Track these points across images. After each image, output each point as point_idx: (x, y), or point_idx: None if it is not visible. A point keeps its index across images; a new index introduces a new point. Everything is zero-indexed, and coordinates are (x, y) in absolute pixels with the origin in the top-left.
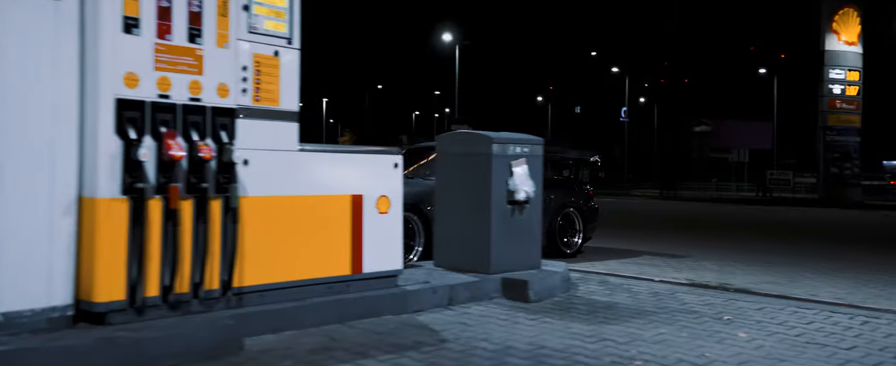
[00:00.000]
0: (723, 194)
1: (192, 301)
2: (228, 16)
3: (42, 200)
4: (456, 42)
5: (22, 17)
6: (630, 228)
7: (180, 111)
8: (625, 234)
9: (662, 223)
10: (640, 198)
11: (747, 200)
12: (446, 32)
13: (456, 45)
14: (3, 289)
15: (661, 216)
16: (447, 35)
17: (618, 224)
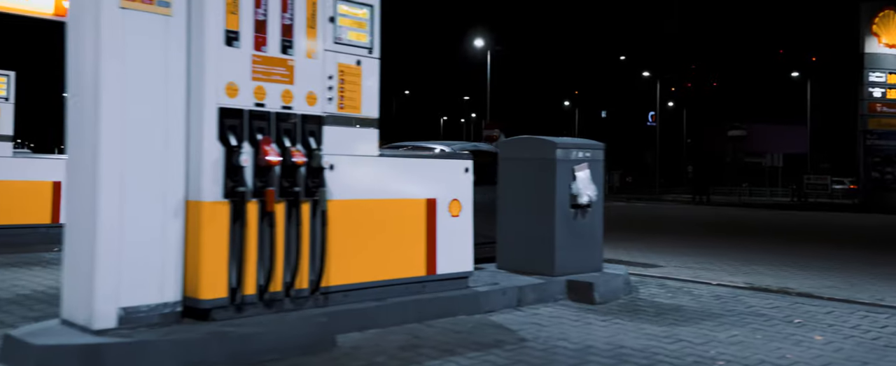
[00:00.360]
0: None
1: (285, 300)
2: (316, 27)
3: (156, 204)
4: (488, 47)
5: (139, 31)
6: (668, 232)
7: (274, 119)
8: (665, 238)
9: (701, 228)
10: (672, 203)
11: (782, 205)
12: (477, 38)
13: (487, 51)
14: (124, 285)
15: (697, 221)
16: (479, 41)
17: (656, 228)
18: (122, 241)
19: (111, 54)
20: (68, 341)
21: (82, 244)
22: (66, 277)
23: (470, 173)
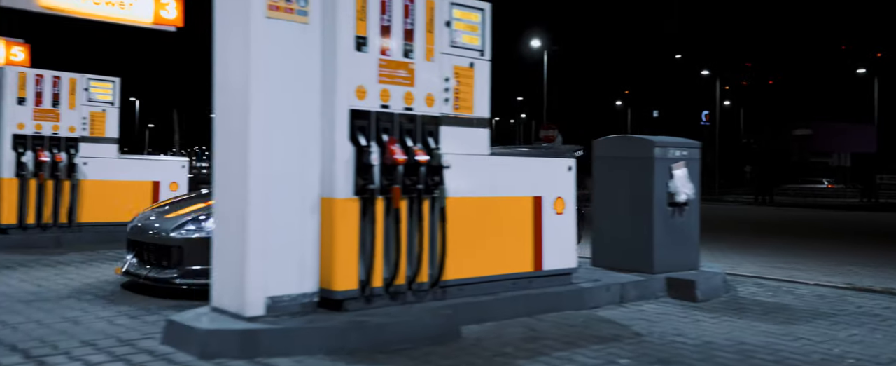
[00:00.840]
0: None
1: (407, 292)
2: (434, 32)
3: (296, 201)
4: (545, 47)
5: (281, 39)
6: (738, 232)
7: (397, 119)
8: (737, 239)
9: (772, 229)
10: (733, 204)
11: (851, 206)
12: (534, 38)
13: (544, 51)
14: (271, 276)
15: (765, 222)
16: (536, 41)
17: (725, 229)
18: (268, 236)
19: (258, 61)
20: (228, 326)
21: (232, 240)
22: (217, 269)
23: (573, 172)
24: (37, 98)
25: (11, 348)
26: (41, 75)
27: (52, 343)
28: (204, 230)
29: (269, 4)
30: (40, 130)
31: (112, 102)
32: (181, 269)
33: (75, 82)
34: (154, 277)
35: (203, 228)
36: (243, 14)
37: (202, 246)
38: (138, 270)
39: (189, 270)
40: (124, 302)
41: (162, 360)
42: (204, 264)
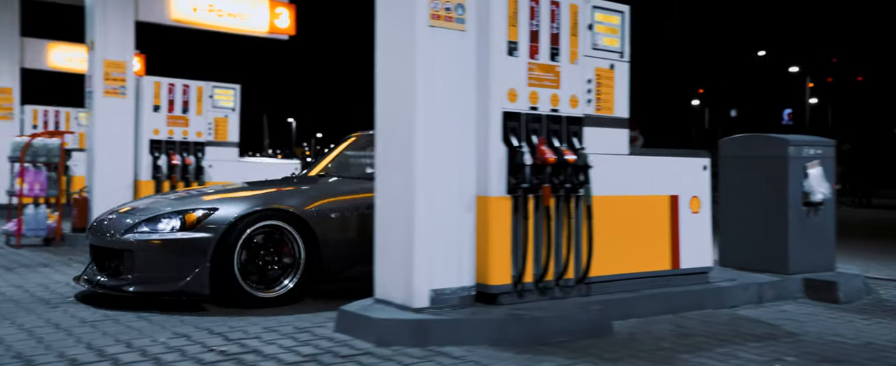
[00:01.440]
0: None
1: (555, 288)
2: (578, 35)
3: (454, 199)
4: None
5: (443, 46)
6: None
7: (545, 121)
8: (845, 240)
9: (883, 232)
10: None
11: None
12: None
13: None
14: (435, 271)
15: (869, 224)
16: None
17: None
18: (432, 232)
19: (423, 67)
20: (399, 316)
21: (398, 236)
22: (380, 263)
23: (708, 171)
24: (169, 105)
25: (225, 338)
26: (173, 84)
27: (241, 328)
28: (157, 232)
29: (431, 14)
30: (172, 134)
31: (233, 108)
32: (134, 275)
33: (202, 90)
34: (106, 283)
35: (157, 231)
36: (408, 23)
37: (157, 250)
38: (94, 275)
39: (141, 276)
40: None
41: (343, 346)
42: (154, 270)
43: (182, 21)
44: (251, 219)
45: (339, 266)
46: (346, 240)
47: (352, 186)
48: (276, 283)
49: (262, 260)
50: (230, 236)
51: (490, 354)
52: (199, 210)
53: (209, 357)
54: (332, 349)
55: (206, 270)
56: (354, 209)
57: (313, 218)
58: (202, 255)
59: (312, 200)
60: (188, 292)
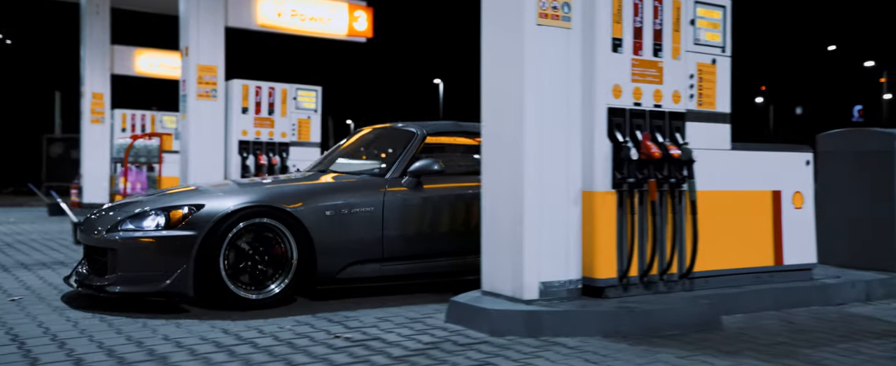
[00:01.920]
0: None
1: (659, 282)
2: (680, 31)
3: (562, 194)
4: None
5: (550, 44)
6: None
7: (648, 116)
8: None
9: None
10: None
11: None
12: None
13: None
14: (544, 263)
15: None
16: None
17: None
18: (540, 227)
19: (531, 65)
20: (512, 307)
21: (506, 231)
22: (487, 258)
23: (811, 166)
24: (256, 107)
25: (344, 326)
26: (260, 87)
27: (356, 318)
28: (141, 230)
29: (539, 13)
30: (259, 135)
31: (315, 109)
32: (117, 274)
33: (286, 92)
34: (87, 284)
35: (141, 228)
36: (516, 22)
37: (139, 249)
38: (82, 274)
39: (124, 276)
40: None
41: (459, 335)
42: (140, 270)
43: (268, 26)
44: (239, 216)
45: (334, 267)
46: (342, 239)
47: (351, 182)
48: (266, 284)
49: (252, 260)
50: (215, 234)
51: (604, 345)
52: (185, 207)
53: (338, 343)
54: (449, 338)
55: (190, 269)
56: (352, 207)
57: (307, 216)
58: (186, 254)
59: (307, 197)
60: (172, 292)
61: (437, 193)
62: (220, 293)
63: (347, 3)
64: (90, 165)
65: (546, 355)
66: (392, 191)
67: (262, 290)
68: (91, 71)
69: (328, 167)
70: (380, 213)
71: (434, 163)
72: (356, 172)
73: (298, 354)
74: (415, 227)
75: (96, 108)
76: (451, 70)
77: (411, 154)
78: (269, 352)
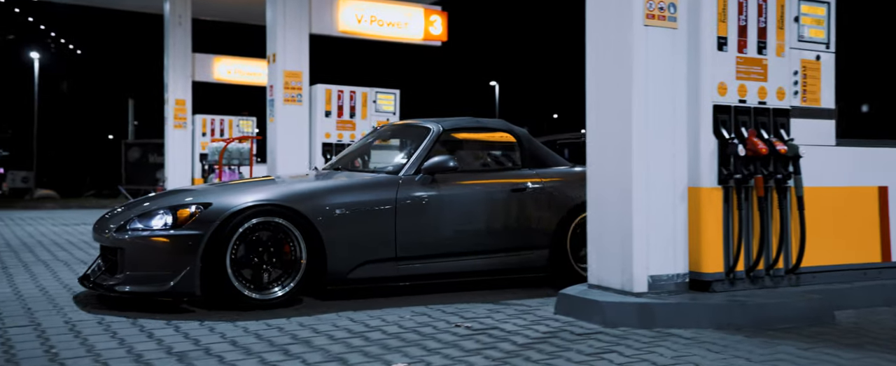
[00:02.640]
0: None
1: (765, 277)
2: (784, 28)
3: (668, 190)
4: None
5: (656, 44)
6: None
7: (752, 113)
8: None
9: None
10: None
11: None
12: None
13: None
14: (652, 257)
15: None
16: None
17: None
18: (649, 221)
19: (639, 65)
20: (624, 299)
21: (614, 227)
22: (594, 253)
23: None
24: (338, 111)
25: (460, 316)
26: (342, 91)
27: (469, 310)
28: (149, 229)
29: (646, 14)
30: (341, 138)
31: (394, 112)
32: (125, 274)
33: (366, 95)
34: (97, 284)
35: (149, 227)
36: (624, 23)
37: (146, 248)
38: (95, 274)
39: (132, 275)
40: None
41: (572, 325)
42: (147, 269)
43: (349, 32)
44: (247, 215)
45: (345, 267)
46: (353, 239)
47: (365, 180)
48: (273, 284)
49: (260, 259)
50: (222, 234)
51: (720, 336)
52: (192, 205)
53: (462, 331)
54: (564, 328)
55: (196, 269)
56: (364, 205)
57: (316, 214)
58: (192, 253)
59: (317, 196)
60: (179, 292)
61: (453, 190)
62: (227, 293)
63: (423, 7)
64: (174, 169)
65: (666, 345)
66: (406, 188)
67: (268, 290)
68: (174, 78)
69: (345, 164)
70: (393, 211)
71: (449, 160)
72: (371, 170)
73: (428, 340)
74: (429, 225)
75: (179, 113)
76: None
77: (427, 151)
78: (401, 338)
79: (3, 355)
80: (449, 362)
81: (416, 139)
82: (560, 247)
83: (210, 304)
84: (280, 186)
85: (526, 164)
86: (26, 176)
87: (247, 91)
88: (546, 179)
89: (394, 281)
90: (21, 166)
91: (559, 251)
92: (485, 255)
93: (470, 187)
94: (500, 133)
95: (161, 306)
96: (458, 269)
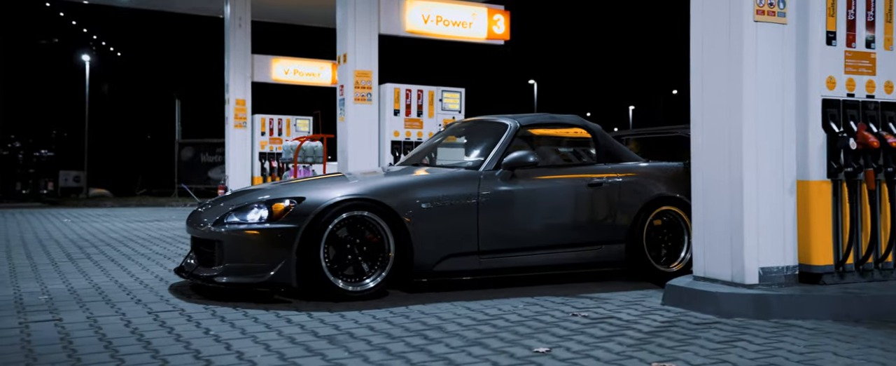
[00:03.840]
0: None
1: (874, 270)
2: (893, 21)
3: (777, 184)
4: None
5: (765, 39)
6: None
7: (860, 107)
8: None
9: None
10: None
11: None
12: None
13: None
14: (763, 249)
15: None
16: None
17: None
18: (759, 214)
19: (749, 60)
20: (736, 291)
21: (723, 220)
22: (700, 245)
23: None
24: (406, 109)
25: (573, 307)
26: (409, 90)
27: (578, 301)
28: (246, 222)
29: (756, 10)
30: (409, 136)
31: (459, 110)
32: (224, 266)
33: (433, 94)
34: (197, 275)
35: (245, 221)
36: (735, 19)
37: (245, 241)
38: (191, 266)
39: (231, 267)
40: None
41: (686, 316)
42: (245, 261)
43: (416, 32)
44: (339, 209)
45: (430, 260)
46: (438, 232)
47: (446, 175)
48: (364, 276)
49: (350, 252)
50: (316, 227)
51: (842, 327)
52: (286, 199)
53: (581, 320)
54: (680, 318)
55: (292, 261)
56: (448, 199)
57: (404, 209)
58: (288, 246)
59: (404, 190)
60: (277, 283)
61: (532, 185)
62: (320, 284)
63: (487, 7)
64: (235, 167)
65: (792, 335)
66: (487, 183)
67: (359, 282)
68: (234, 79)
69: (420, 160)
70: (475, 205)
71: (529, 155)
72: (450, 165)
73: (553, 327)
74: (510, 219)
75: (239, 113)
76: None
77: (505, 146)
78: (526, 326)
79: (138, 340)
80: (585, 347)
81: (492, 135)
82: (635, 242)
83: (304, 295)
84: (368, 181)
85: (600, 159)
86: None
87: (304, 91)
88: (621, 174)
89: (475, 274)
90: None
91: (634, 246)
92: (563, 249)
93: (549, 182)
94: (575, 128)
95: (252, 297)
96: (537, 263)
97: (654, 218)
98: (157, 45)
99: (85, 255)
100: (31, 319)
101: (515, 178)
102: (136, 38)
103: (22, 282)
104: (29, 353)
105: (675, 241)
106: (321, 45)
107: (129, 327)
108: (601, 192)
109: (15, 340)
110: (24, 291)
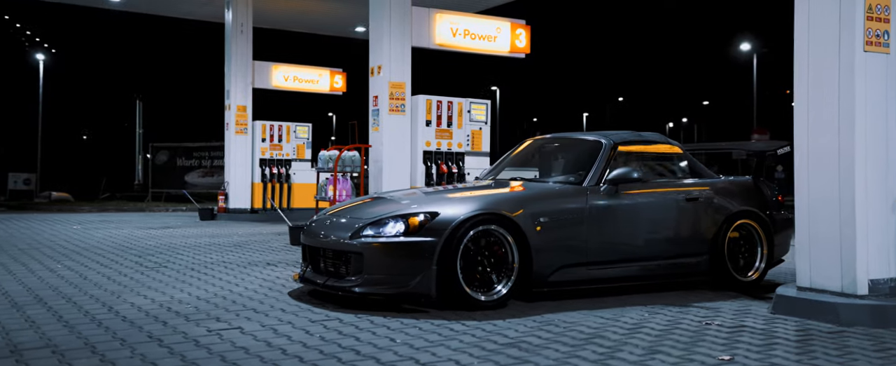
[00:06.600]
0: None
1: None
2: None
3: (882, 200)
4: (754, 51)
5: (872, 68)
6: None
7: None
8: None
9: None
10: None
11: None
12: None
13: (754, 54)
14: (871, 263)
15: None
16: (745, 44)
17: None
18: (868, 230)
19: (861, 88)
20: (852, 302)
21: (831, 234)
22: (806, 257)
23: None
24: (437, 120)
25: (696, 315)
26: (440, 101)
27: (684, 310)
28: (383, 236)
29: (866, 41)
30: (440, 146)
31: (485, 122)
32: (361, 277)
33: (462, 106)
34: (332, 285)
35: (383, 234)
36: (845, 49)
37: (381, 253)
38: (314, 277)
39: (369, 278)
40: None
41: (808, 324)
42: (382, 272)
43: (444, 45)
44: (472, 223)
45: (547, 271)
46: (554, 244)
47: (555, 189)
48: (494, 286)
49: (480, 264)
50: (453, 240)
51: None
52: (421, 214)
53: (716, 328)
54: (807, 327)
55: (432, 272)
56: (560, 213)
57: (524, 222)
58: (429, 258)
59: (522, 204)
60: (417, 293)
61: (634, 199)
62: (455, 294)
63: (510, 21)
64: (236, 173)
65: None
66: (593, 197)
67: (490, 291)
68: (235, 85)
69: (499, 175)
70: (583, 218)
71: (633, 171)
72: (550, 181)
73: (704, 335)
74: (616, 232)
75: (240, 119)
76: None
77: (605, 162)
78: (676, 334)
79: (298, 345)
80: (760, 355)
81: (589, 152)
82: (718, 253)
83: (436, 305)
84: (489, 195)
85: (689, 174)
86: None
87: (302, 98)
88: (706, 189)
89: (584, 284)
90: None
91: (717, 257)
92: (661, 259)
93: (648, 196)
94: (662, 145)
95: (377, 306)
96: (636, 273)
97: (735, 229)
98: (118, 46)
99: (156, 264)
100: (212, 327)
101: (619, 193)
102: (97, 38)
103: (148, 292)
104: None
105: (750, 252)
106: (319, 52)
107: (308, 333)
108: (696, 205)
109: (226, 345)
110: (174, 298)
